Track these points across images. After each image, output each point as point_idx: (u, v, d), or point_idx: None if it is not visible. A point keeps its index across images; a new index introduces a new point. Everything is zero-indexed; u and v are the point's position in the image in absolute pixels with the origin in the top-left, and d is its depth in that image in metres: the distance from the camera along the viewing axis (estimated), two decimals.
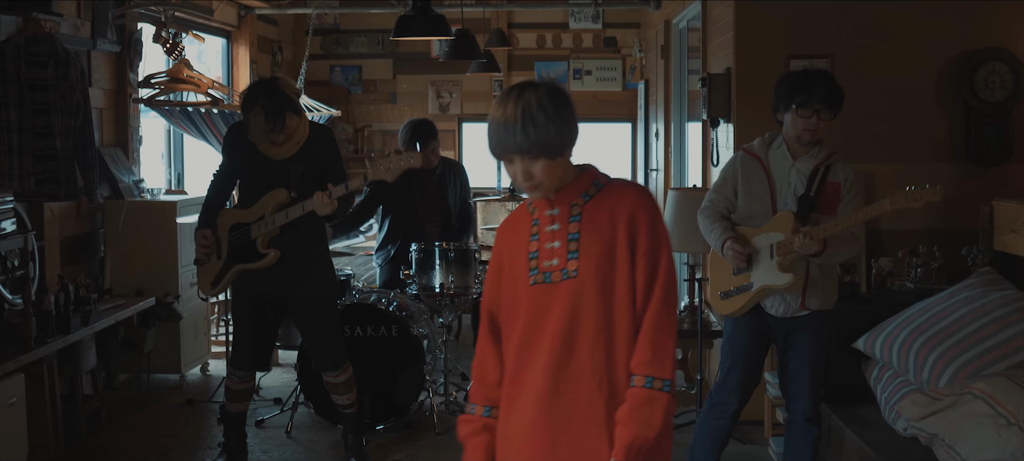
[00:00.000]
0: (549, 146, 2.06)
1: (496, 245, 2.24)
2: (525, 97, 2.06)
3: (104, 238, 5.41)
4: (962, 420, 3.17)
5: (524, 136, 2.04)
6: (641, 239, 2.10)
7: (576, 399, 2.10)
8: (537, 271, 2.13)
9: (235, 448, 4.25)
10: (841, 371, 3.97)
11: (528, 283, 2.13)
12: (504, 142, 2.06)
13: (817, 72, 3.43)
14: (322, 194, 3.84)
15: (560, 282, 2.11)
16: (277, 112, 3.85)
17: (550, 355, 2.10)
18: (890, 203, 3.30)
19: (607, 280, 2.09)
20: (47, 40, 4.48)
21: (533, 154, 2.06)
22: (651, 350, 2.08)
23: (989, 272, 3.88)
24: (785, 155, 3.44)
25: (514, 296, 2.15)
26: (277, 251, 4.00)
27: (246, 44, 7.45)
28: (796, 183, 3.41)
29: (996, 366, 3.40)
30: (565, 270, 2.11)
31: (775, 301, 3.43)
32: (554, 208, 2.15)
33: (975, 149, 4.59)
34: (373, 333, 4.62)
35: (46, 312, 4.17)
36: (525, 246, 2.16)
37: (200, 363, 5.82)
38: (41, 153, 4.48)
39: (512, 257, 2.17)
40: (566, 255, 2.11)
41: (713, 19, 5.23)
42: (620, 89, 8.61)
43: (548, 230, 2.14)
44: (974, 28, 4.59)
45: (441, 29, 5.05)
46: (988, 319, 3.58)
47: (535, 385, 2.12)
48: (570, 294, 2.10)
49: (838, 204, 3.39)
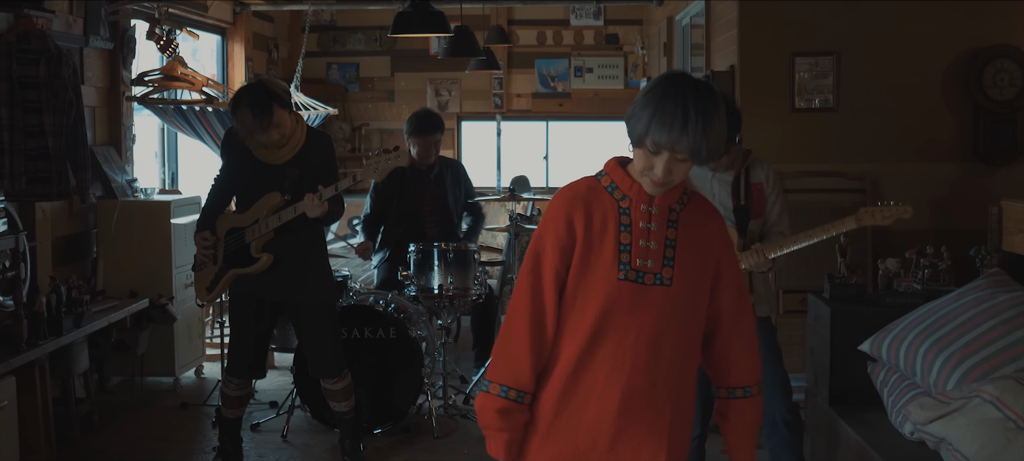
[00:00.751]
0: (708, 156, 1.99)
1: (567, 214, 2.07)
2: (712, 101, 1.96)
3: (97, 238, 5.38)
4: (970, 424, 3.12)
5: (700, 141, 1.94)
6: (726, 266, 2.13)
7: (648, 405, 2.08)
8: (628, 267, 2.05)
9: (230, 453, 4.23)
10: (847, 374, 3.93)
11: (615, 275, 2.04)
12: (682, 139, 1.93)
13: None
14: (312, 195, 3.83)
15: (652, 286, 2.06)
16: (263, 105, 3.82)
17: (631, 358, 2.05)
18: (855, 220, 3.27)
19: (695, 295, 2.09)
20: (39, 37, 4.46)
21: (690, 159, 1.98)
22: (758, 362, 2.19)
23: (998, 273, 3.84)
24: (702, 170, 3.38)
25: (591, 282, 2.05)
26: (270, 255, 3.98)
27: (241, 41, 7.43)
28: (720, 194, 3.36)
29: (1005, 369, 3.35)
30: (659, 275, 2.06)
31: None
32: (653, 206, 2.07)
33: (983, 148, 4.59)
34: (370, 335, 4.58)
35: (38, 314, 4.15)
36: (614, 235, 2.06)
37: (194, 366, 5.80)
38: (33, 152, 4.46)
39: (596, 238, 2.06)
40: (661, 260, 2.06)
41: (717, 16, 5.21)
42: (622, 87, 8.57)
43: (642, 226, 2.06)
44: (982, 25, 4.59)
45: (440, 26, 5.02)
46: (997, 321, 3.53)
47: (612, 384, 2.06)
48: (661, 302, 2.06)
49: (764, 205, 3.36)
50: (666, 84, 1.98)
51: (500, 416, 2.08)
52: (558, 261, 2.06)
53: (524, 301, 2.08)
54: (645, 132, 1.97)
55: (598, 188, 2.10)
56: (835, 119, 4.64)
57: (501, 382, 2.08)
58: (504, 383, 2.08)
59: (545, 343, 2.08)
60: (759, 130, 4.56)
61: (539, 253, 2.08)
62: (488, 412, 2.08)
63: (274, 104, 3.85)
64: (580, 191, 2.10)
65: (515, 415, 2.08)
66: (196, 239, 4.09)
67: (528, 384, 2.08)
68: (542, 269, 2.07)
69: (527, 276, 2.09)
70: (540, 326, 2.07)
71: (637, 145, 2.02)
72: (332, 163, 4.05)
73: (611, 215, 2.07)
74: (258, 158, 3.97)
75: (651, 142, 1.97)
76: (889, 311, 3.89)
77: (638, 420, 2.08)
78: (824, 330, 3.92)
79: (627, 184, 2.08)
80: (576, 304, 2.07)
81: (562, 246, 2.07)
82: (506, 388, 2.07)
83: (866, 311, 3.94)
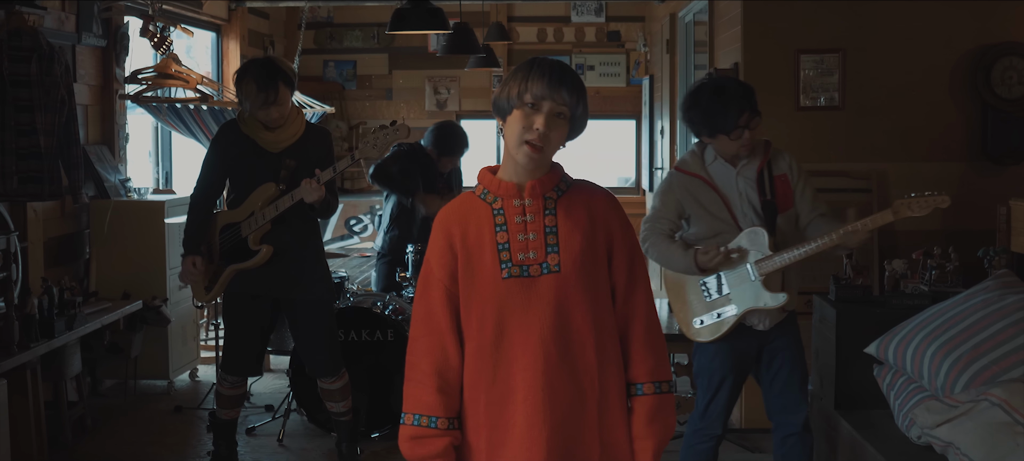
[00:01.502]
0: (577, 113, 2.06)
1: (445, 233, 2.10)
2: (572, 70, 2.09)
3: (89, 239, 5.38)
4: (978, 428, 3.10)
5: (577, 94, 2.03)
6: (618, 238, 2.11)
7: (571, 399, 2.06)
8: (511, 264, 2.05)
9: (225, 457, 4.21)
10: (853, 376, 3.92)
11: (499, 276, 2.04)
12: (560, 85, 2.02)
13: (725, 87, 3.27)
14: (310, 180, 3.82)
15: (539, 276, 2.05)
16: (270, 80, 3.82)
17: (541, 354, 2.04)
18: (892, 213, 3.19)
19: (590, 276, 2.07)
20: (30, 34, 4.44)
21: (565, 109, 2.03)
22: (653, 355, 2.11)
23: (1006, 274, 3.83)
24: (724, 166, 3.32)
25: (479, 290, 2.05)
26: (270, 247, 3.95)
27: (236, 38, 7.42)
28: (747, 191, 3.30)
29: (1014, 372, 3.33)
30: (545, 264, 2.05)
31: (762, 316, 3.33)
32: (526, 199, 2.08)
33: (992, 147, 4.57)
34: (368, 338, 4.56)
35: (29, 316, 4.13)
36: (490, 237, 2.06)
37: (189, 368, 5.79)
38: (24, 151, 4.44)
39: (474, 248, 2.07)
40: (544, 248, 2.06)
41: (720, 13, 5.18)
42: (624, 85, 8.57)
43: (517, 221, 2.07)
44: (990, 22, 4.57)
45: (438, 23, 4.99)
46: (1005, 323, 3.51)
47: (527, 385, 2.04)
48: (554, 290, 2.04)
49: (792, 196, 3.32)
50: (530, 60, 2.08)
51: (415, 444, 2.07)
52: (447, 279, 2.08)
53: (419, 327, 2.11)
54: (523, 89, 2.03)
55: (473, 199, 2.13)
56: (841, 117, 4.60)
57: (411, 411, 2.08)
58: (413, 411, 2.08)
59: (447, 364, 2.08)
60: (764, 129, 4.52)
61: (427, 277, 2.11)
62: (404, 442, 2.09)
63: (280, 81, 3.86)
64: (454, 208, 2.14)
65: (431, 441, 2.06)
66: (185, 264, 4.02)
67: (437, 408, 2.06)
68: (431, 292, 2.09)
69: (419, 302, 2.11)
70: (439, 348, 2.08)
71: (515, 107, 2.04)
72: (331, 157, 4.04)
73: (486, 219, 2.09)
74: (257, 143, 3.95)
75: (530, 95, 2.02)
76: (896, 313, 3.88)
77: (565, 416, 2.05)
78: (830, 332, 3.89)
79: (496, 185, 2.10)
80: (473, 316, 2.07)
81: (446, 264, 2.09)
82: (417, 416, 2.07)
83: (872, 313, 3.93)
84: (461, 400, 2.09)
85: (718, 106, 3.21)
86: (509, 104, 2.05)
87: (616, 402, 2.10)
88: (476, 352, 2.07)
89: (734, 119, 3.19)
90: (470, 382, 2.08)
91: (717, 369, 3.40)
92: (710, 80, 3.43)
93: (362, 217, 7.66)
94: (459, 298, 2.08)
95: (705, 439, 3.45)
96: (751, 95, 3.25)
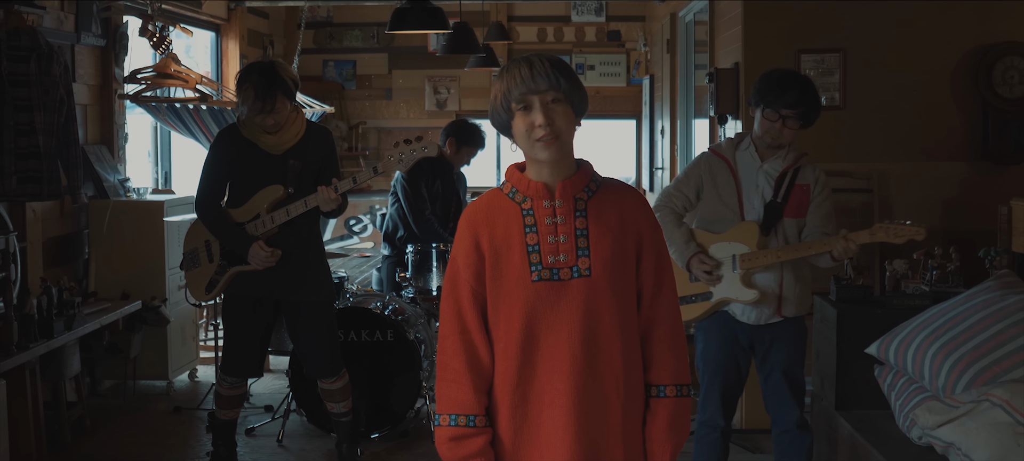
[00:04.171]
0: (574, 95, 2.04)
1: (471, 233, 2.08)
2: (544, 54, 2.07)
3: (89, 239, 5.37)
4: (979, 428, 3.10)
5: (556, 74, 2.01)
6: (647, 240, 2.10)
7: (597, 403, 2.06)
8: (541, 266, 2.04)
9: (225, 457, 4.21)
10: (853, 377, 3.92)
11: (529, 279, 2.03)
12: (535, 76, 2.00)
13: (798, 78, 3.36)
14: (327, 189, 3.80)
15: (569, 280, 2.04)
16: (268, 91, 3.80)
17: (569, 357, 2.04)
18: (870, 235, 3.27)
19: (619, 280, 2.06)
20: (29, 34, 4.43)
21: (560, 96, 2.02)
22: (677, 358, 2.11)
23: (1008, 274, 3.82)
24: (753, 157, 3.38)
25: (507, 292, 2.05)
26: (278, 250, 3.94)
27: (236, 38, 7.41)
28: (763, 187, 3.37)
29: (1015, 372, 3.32)
30: (575, 268, 2.04)
31: (746, 309, 3.40)
32: (556, 200, 2.06)
33: (993, 147, 4.57)
34: (368, 338, 4.55)
35: (28, 316, 4.12)
36: (519, 238, 2.05)
37: (188, 369, 5.78)
38: (23, 151, 4.43)
39: (502, 249, 2.05)
40: (575, 251, 2.05)
41: (721, 12, 5.18)
42: (624, 85, 8.57)
43: (548, 222, 2.05)
44: (991, 21, 4.57)
45: (438, 22, 4.98)
46: (1007, 323, 3.51)
47: (557, 388, 2.04)
48: (584, 293, 2.04)
49: (808, 206, 3.37)
50: (502, 67, 2.09)
51: (455, 445, 2.07)
52: (473, 280, 2.07)
53: (449, 326, 2.10)
54: (507, 97, 2.03)
55: (500, 197, 2.11)
56: (842, 117, 4.60)
57: (448, 412, 2.08)
58: (450, 412, 2.07)
59: (480, 361, 2.08)
60: None
61: (454, 276, 2.10)
62: (443, 444, 2.09)
63: (278, 92, 3.83)
64: (481, 206, 2.12)
65: (470, 440, 2.06)
66: (254, 254, 3.87)
67: (474, 406, 2.07)
68: (459, 291, 2.09)
69: (447, 300, 2.10)
70: (470, 346, 2.07)
71: (514, 115, 2.05)
72: (335, 159, 4.04)
73: (515, 220, 2.07)
74: (258, 146, 3.93)
75: (515, 101, 2.03)
76: (897, 313, 3.88)
77: (592, 419, 2.05)
78: (830, 333, 3.89)
79: (525, 184, 2.09)
80: (500, 317, 2.06)
81: (473, 264, 2.07)
82: (454, 416, 2.07)
83: (873, 313, 3.92)
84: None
85: (781, 84, 3.29)
86: (505, 115, 2.06)
87: (639, 405, 2.12)
88: (502, 354, 2.06)
89: (781, 102, 3.26)
90: (495, 382, 2.08)
91: (709, 359, 3.48)
92: (795, 71, 3.54)
93: (362, 217, 7.64)
94: (486, 298, 2.07)
95: (710, 430, 3.50)
96: (811, 107, 3.30)
